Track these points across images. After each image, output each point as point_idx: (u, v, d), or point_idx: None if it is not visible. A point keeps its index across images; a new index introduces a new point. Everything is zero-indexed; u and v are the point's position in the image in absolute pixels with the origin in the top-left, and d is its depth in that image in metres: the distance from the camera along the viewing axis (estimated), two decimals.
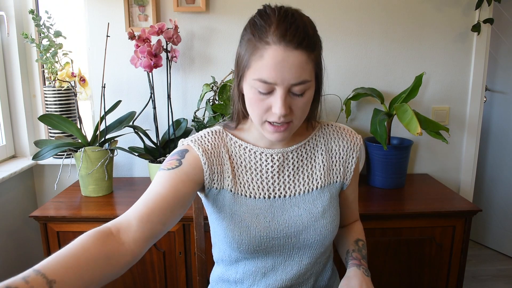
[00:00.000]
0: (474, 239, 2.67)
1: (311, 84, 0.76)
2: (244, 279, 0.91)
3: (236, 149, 0.88)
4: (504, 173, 2.47)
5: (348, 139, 0.92)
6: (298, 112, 0.77)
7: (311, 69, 0.74)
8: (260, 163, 0.87)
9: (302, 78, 0.72)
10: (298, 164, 0.89)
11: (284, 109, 0.73)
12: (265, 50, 0.71)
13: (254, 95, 0.76)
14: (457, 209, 1.51)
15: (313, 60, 0.74)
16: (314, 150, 0.91)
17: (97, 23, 1.76)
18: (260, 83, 0.73)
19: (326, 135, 0.92)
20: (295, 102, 0.75)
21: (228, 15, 1.78)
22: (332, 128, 0.93)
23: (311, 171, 0.89)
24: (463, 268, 1.55)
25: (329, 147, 0.91)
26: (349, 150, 0.92)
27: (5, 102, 1.82)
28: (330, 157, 0.91)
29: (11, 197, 1.78)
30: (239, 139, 0.89)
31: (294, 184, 0.88)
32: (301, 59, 0.71)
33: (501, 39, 2.35)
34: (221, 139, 0.89)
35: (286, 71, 0.71)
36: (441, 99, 1.91)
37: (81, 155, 1.56)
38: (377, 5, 1.81)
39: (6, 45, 1.79)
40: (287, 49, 0.70)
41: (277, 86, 0.73)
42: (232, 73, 1.70)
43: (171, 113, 1.73)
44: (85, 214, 1.47)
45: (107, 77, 1.75)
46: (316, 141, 0.91)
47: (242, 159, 0.87)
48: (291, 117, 0.77)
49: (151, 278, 1.52)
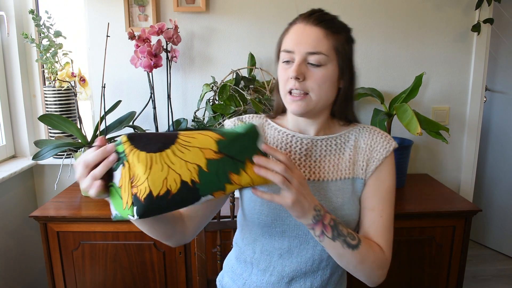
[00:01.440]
0: (474, 239, 2.67)
1: (328, 60, 0.83)
2: (260, 260, 0.94)
3: (271, 131, 0.96)
4: (504, 173, 2.47)
5: (378, 141, 0.93)
6: (313, 84, 0.83)
7: (329, 46, 0.83)
8: (290, 144, 0.93)
9: (317, 49, 0.82)
10: (325, 153, 0.93)
11: (296, 71, 0.82)
12: (291, 27, 0.87)
13: (280, 67, 0.87)
14: (457, 209, 1.51)
15: (333, 40, 0.83)
16: (344, 145, 0.93)
17: (97, 23, 1.76)
18: (284, 53, 0.86)
19: (358, 134, 0.94)
20: (311, 73, 0.83)
21: (228, 15, 1.78)
22: (368, 130, 0.95)
23: (338, 162, 0.92)
24: (463, 268, 1.55)
25: (358, 144, 0.93)
26: (375, 151, 0.92)
27: (5, 102, 1.82)
28: (356, 153, 0.93)
29: (11, 197, 1.78)
30: (276, 123, 0.97)
31: (319, 170, 0.92)
32: (318, 33, 0.83)
33: (501, 39, 2.35)
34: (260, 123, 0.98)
35: (304, 40, 0.83)
36: (441, 99, 1.91)
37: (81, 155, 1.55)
38: (377, 5, 1.81)
39: (6, 45, 1.79)
40: (308, 24, 0.84)
41: (295, 54, 0.83)
42: (232, 73, 1.70)
43: (171, 113, 1.73)
44: (85, 214, 1.47)
45: (107, 77, 1.75)
46: (347, 138, 0.94)
47: (275, 140, 0.95)
48: (305, 87, 0.83)
49: (151, 278, 1.52)
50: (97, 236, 1.48)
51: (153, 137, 0.63)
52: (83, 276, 1.52)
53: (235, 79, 1.65)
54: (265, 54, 1.81)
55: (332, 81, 0.85)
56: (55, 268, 1.51)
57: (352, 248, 0.81)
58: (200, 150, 0.66)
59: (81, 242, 1.49)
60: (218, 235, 1.27)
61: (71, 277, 1.52)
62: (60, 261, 1.50)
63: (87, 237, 1.48)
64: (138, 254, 1.50)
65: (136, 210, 0.60)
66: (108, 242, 1.49)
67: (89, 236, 1.48)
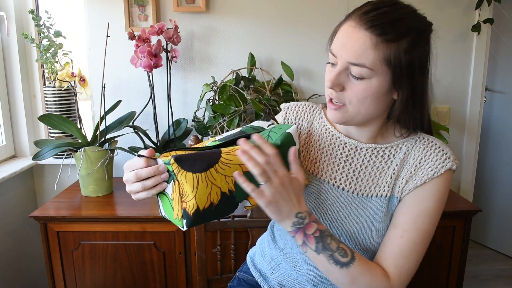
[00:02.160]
0: (474, 239, 2.67)
1: (372, 74, 0.71)
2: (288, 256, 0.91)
3: (319, 126, 0.90)
4: (504, 173, 2.47)
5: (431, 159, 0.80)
6: (352, 97, 0.74)
7: (377, 58, 0.70)
8: (333, 146, 0.87)
9: (360, 60, 0.70)
10: (368, 164, 0.84)
11: (332, 81, 0.74)
12: (344, 24, 0.74)
13: (327, 67, 0.78)
14: (457, 209, 1.51)
15: (384, 51, 0.69)
16: (392, 157, 0.83)
17: (97, 23, 1.76)
18: (330, 54, 0.76)
19: (412, 147, 0.82)
20: (351, 84, 0.74)
21: (228, 15, 1.78)
22: (424, 143, 0.82)
23: (379, 176, 0.83)
24: (463, 268, 1.55)
25: (407, 158, 0.82)
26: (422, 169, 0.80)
27: (5, 102, 1.82)
28: (402, 168, 0.82)
29: (11, 197, 1.78)
30: (327, 119, 0.90)
31: (356, 182, 0.84)
32: (365, 41, 0.70)
33: (501, 39, 2.35)
34: (311, 114, 0.92)
35: (348, 47, 0.71)
36: (441, 99, 1.91)
37: (81, 155, 1.56)
38: None
39: (6, 45, 1.79)
40: (357, 27, 0.71)
41: (337, 59, 0.74)
42: (232, 73, 1.70)
43: (171, 113, 1.73)
44: (85, 214, 1.47)
45: (107, 77, 1.75)
46: (398, 150, 0.83)
47: (320, 137, 0.89)
48: (343, 98, 0.75)
49: (151, 278, 1.52)
50: (97, 236, 1.48)
51: (198, 158, 0.70)
52: (83, 276, 1.52)
53: (235, 79, 1.65)
54: (265, 54, 1.81)
55: (378, 96, 0.73)
56: (55, 268, 1.51)
57: (341, 266, 0.72)
58: (239, 166, 0.72)
59: (81, 242, 1.49)
60: (218, 235, 1.27)
61: (71, 277, 1.52)
62: (60, 261, 1.50)
63: (87, 237, 1.48)
64: (138, 254, 1.50)
65: (185, 223, 0.70)
66: (108, 242, 1.49)
67: (89, 236, 1.48)
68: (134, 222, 1.46)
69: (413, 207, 0.79)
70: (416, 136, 0.83)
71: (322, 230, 0.73)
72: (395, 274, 0.77)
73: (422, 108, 0.79)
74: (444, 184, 0.79)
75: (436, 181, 0.79)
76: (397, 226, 0.79)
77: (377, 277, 0.75)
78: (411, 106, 0.76)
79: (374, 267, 0.76)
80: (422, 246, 0.80)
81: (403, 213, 0.80)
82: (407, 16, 0.72)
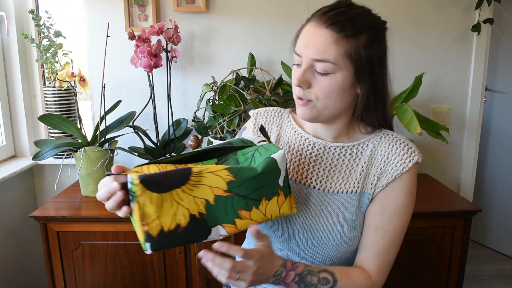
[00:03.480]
0: (474, 239, 2.67)
1: (336, 68, 0.75)
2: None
3: (288, 129, 0.93)
4: (504, 173, 2.47)
5: (398, 153, 0.84)
6: (319, 93, 0.78)
7: (339, 53, 0.74)
8: (303, 147, 0.90)
9: (323, 56, 0.75)
10: (337, 162, 0.87)
11: (298, 78, 0.77)
12: (305, 26, 0.79)
13: (293, 68, 0.82)
14: (457, 209, 1.51)
15: (345, 46, 0.74)
16: (360, 154, 0.86)
17: (97, 23, 1.76)
18: (294, 55, 0.80)
19: (378, 143, 0.86)
20: (317, 80, 0.77)
21: (228, 15, 1.78)
22: (389, 139, 0.86)
23: (348, 174, 0.86)
24: (463, 268, 1.55)
25: (374, 155, 0.86)
26: (391, 165, 0.83)
27: (5, 102, 1.82)
28: (370, 165, 0.86)
29: (11, 197, 1.78)
30: (296, 122, 0.94)
31: (326, 180, 0.87)
32: (327, 38, 0.74)
33: (501, 39, 2.35)
34: (280, 118, 0.96)
35: (311, 45, 0.76)
36: (441, 99, 1.91)
37: (81, 155, 1.56)
38: (377, 5, 1.79)
39: (6, 45, 1.79)
40: (318, 26, 0.75)
41: (302, 58, 0.78)
42: (232, 73, 1.70)
43: (171, 113, 1.73)
44: (85, 214, 1.47)
45: (107, 77, 1.75)
46: (365, 147, 0.87)
47: (289, 139, 0.92)
48: (310, 95, 0.79)
49: (151, 278, 1.52)
50: (97, 236, 1.48)
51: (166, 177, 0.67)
52: (83, 276, 1.52)
53: (235, 79, 1.65)
54: (265, 54, 1.81)
55: (342, 90, 0.77)
56: (55, 268, 1.51)
57: None
58: (209, 188, 0.69)
59: (81, 242, 1.49)
60: None
61: (71, 277, 1.52)
62: (60, 261, 1.50)
63: (87, 237, 1.48)
64: (138, 254, 1.50)
65: (149, 246, 0.67)
66: (108, 242, 1.49)
67: (89, 236, 1.48)
68: None
69: (388, 207, 0.84)
70: (381, 132, 0.88)
71: (300, 273, 0.77)
72: (377, 271, 0.84)
73: (383, 104, 0.84)
74: (412, 177, 0.85)
75: (405, 176, 0.84)
76: (378, 228, 0.84)
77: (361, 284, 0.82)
78: (373, 101, 0.81)
79: (355, 275, 0.82)
80: (400, 240, 0.86)
81: (380, 214, 0.84)
82: (363, 15, 0.78)
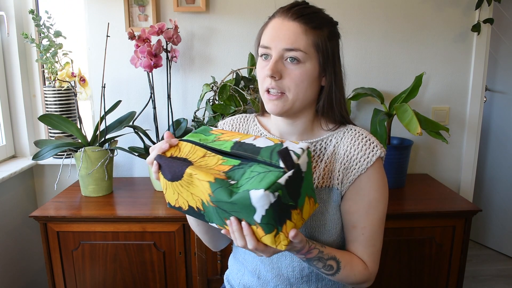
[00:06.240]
0: (474, 239, 2.67)
1: (306, 57, 0.79)
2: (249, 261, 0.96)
3: (255, 133, 0.95)
4: (504, 173, 2.47)
5: (360, 149, 0.84)
6: (290, 83, 0.80)
7: (308, 43, 0.79)
8: None
9: (295, 45, 0.78)
10: None
11: (271, 69, 0.78)
12: (270, 21, 0.83)
13: (259, 63, 0.84)
14: (457, 209, 1.51)
15: (312, 36, 0.79)
16: (324, 150, 0.88)
17: (97, 23, 1.76)
18: (261, 49, 0.82)
19: (340, 139, 0.87)
20: (288, 71, 0.79)
21: (228, 15, 1.78)
22: (351, 135, 0.87)
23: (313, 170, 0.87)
24: (463, 268, 1.55)
25: (337, 150, 0.87)
26: (355, 160, 0.84)
27: (5, 102, 1.82)
28: (334, 161, 0.86)
29: (11, 197, 1.78)
30: (261, 125, 0.96)
31: None
32: (296, 28, 0.78)
33: (501, 39, 2.35)
34: (246, 124, 0.98)
35: (281, 36, 0.79)
36: (441, 99, 1.91)
37: (81, 155, 1.56)
38: (377, 5, 1.80)
39: (6, 45, 1.79)
40: (285, 19, 0.79)
41: (272, 50, 0.80)
42: (232, 73, 1.70)
43: (171, 113, 1.73)
44: (85, 214, 1.47)
45: (107, 77, 1.75)
46: (327, 144, 0.88)
47: None
48: (282, 86, 0.80)
49: (151, 278, 1.52)
50: (97, 236, 1.48)
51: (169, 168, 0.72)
52: (83, 276, 1.52)
53: (235, 79, 1.65)
54: None
55: (311, 79, 0.80)
56: (55, 268, 1.51)
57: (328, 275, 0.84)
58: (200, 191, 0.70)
59: (81, 242, 1.49)
60: None
61: (71, 277, 1.52)
62: (60, 261, 1.50)
63: (87, 237, 1.49)
64: (138, 254, 1.50)
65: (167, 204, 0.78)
66: (108, 242, 1.49)
67: (89, 236, 1.48)
68: (134, 222, 1.46)
69: (361, 204, 0.85)
70: (345, 128, 0.89)
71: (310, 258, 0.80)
72: (369, 261, 0.87)
73: (343, 98, 0.87)
74: (379, 171, 0.85)
75: (371, 171, 0.84)
76: (356, 226, 0.86)
77: (360, 273, 0.85)
78: (334, 95, 0.84)
79: (356, 265, 0.85)
80: (382, 229, 0.88)
81: (354, 212, 0.86)
82: (320, 11, 0.84)
